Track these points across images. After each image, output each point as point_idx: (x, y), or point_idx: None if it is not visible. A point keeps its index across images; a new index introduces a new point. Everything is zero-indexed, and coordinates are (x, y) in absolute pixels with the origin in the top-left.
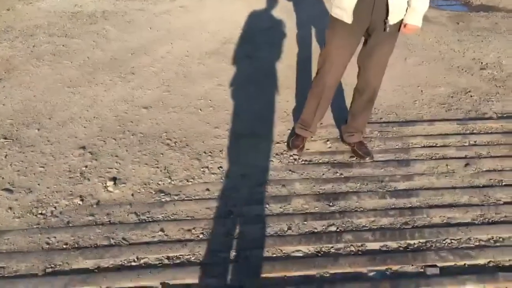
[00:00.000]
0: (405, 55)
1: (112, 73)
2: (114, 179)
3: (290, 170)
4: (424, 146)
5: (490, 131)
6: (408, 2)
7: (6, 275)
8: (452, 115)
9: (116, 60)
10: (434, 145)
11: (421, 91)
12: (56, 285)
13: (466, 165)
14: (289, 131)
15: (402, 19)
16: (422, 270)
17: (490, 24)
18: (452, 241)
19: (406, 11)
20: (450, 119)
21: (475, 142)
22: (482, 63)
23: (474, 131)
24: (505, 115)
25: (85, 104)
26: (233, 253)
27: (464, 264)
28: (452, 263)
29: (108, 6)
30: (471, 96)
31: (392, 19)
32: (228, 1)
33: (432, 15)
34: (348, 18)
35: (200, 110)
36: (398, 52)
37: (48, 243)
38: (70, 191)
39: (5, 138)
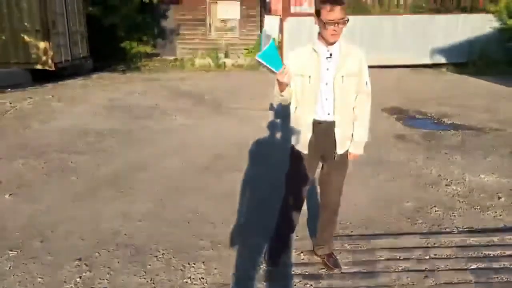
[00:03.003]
0: (378, 171)
1: (113, 188)
2: None
3: (265, 282)
4: (388, 259)
5: (449, 245)
6: (352, 135)
7: None
8: (417, 229)
9: (118, 176)
10: (397, 258)
11: (390, 205)
12: None
13: (425, 277)
14: (267, 244)
15: (348, 149)
16: None
17: (458, 142)
18: None
19: (350, 142)
20: (414, 233)
21: (435, 255)
22: (447, 179)
23: (435, 245)
24: (465, 229)
25: (86, 219)
26: None
27: None
28: None
29: (116, 125)
30: (435, 211)
31: (340, 150)
32: (225, 119)
33: (408, 133)
34: (304, 150)
35: (188, 223)
36: (371, 168)
37: None
38: None
39: (11, 250)
